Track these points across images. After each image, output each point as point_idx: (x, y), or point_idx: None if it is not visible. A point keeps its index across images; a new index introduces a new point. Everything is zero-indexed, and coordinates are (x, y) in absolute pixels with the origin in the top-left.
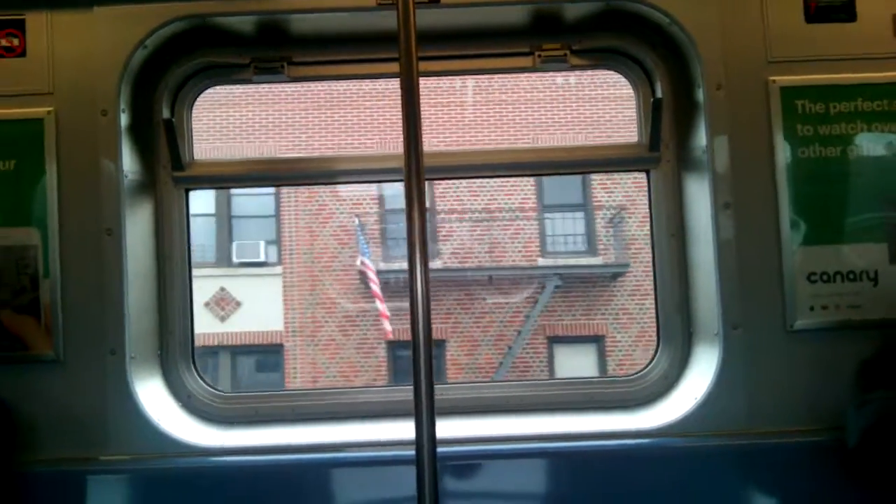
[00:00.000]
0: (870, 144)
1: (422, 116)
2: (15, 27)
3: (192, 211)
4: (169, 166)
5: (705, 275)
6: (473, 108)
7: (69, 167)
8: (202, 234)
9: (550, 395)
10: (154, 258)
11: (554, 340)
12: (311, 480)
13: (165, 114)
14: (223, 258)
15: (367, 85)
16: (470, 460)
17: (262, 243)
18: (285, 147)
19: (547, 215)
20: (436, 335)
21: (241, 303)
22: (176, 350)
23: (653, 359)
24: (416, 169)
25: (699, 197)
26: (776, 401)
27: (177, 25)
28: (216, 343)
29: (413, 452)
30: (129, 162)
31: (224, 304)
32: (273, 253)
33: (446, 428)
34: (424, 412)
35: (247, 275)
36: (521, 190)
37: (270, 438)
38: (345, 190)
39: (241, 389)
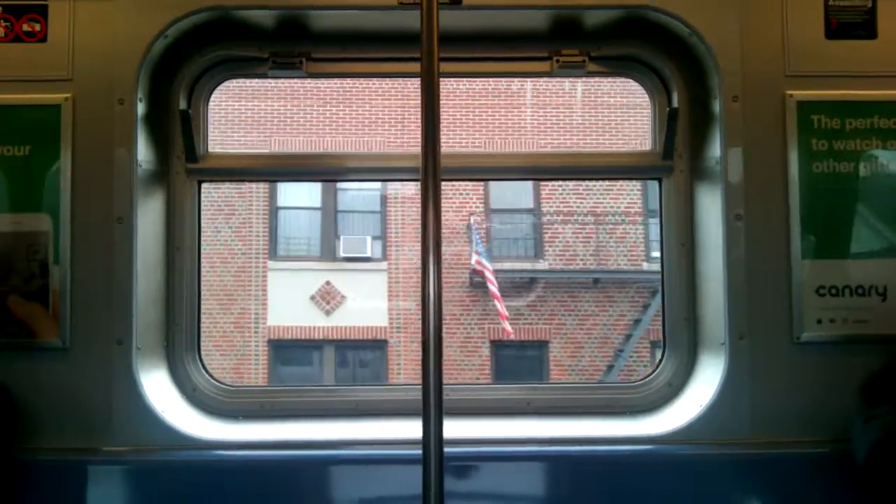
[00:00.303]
0: (883, 161)
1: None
2: (37, 12)
3: (299, 203)
4: (183, 157)
5: (714, 284)
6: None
7: (84, 154)
8: (306, 227)
9: (556, 398)
10: (164, 249)
11: (656, 345)
12: (315, 477)
13: (182, 104)
14: (328, 252)
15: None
16: (474, 461)
17: (369, 238)
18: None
19: (652, 220)
20: (539, 336)
21: (346, 297)
22: (182, 342)
23: (658, 366)
24: (432, 169)
25: (710, 207)
26: (780, 411)
27: (198, 17)
28: (321, 337)
29: (419, 452)
30: (143, 151)
31: (329, 298)
32: (378, 248)
33: (451, 428)
34: (433, 412)
35: (352, 269)
36: (627, 194)
37: (275, 433)
38: (451, 188)
39: (342, 383)
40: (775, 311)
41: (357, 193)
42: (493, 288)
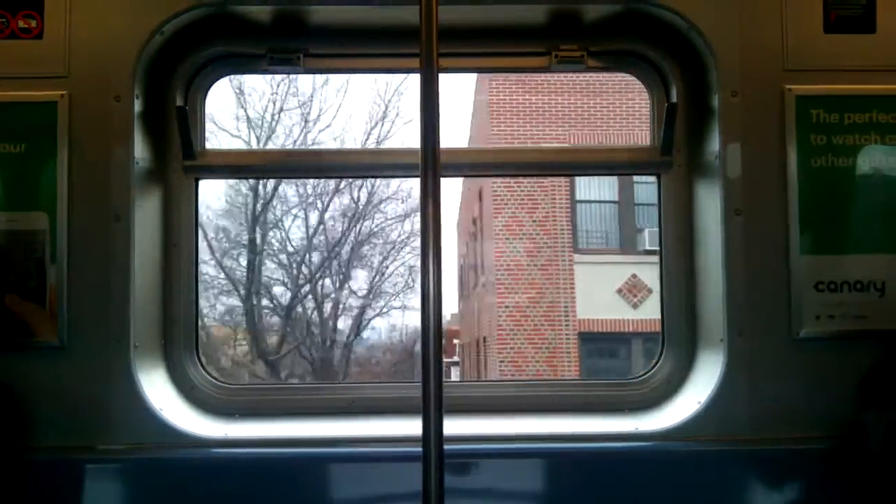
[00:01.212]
0: (882, 156)
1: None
2: (33, 8)
3: (595, 196)
4: (180, 155)
5: (712, 280)
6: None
7: (80, 152)
8: (599, 220)
9: (555, 396)
10: (161, 247)
11: None
12: (314, 474)
13: (179, 101)
14: (629, 245)
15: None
16: (474, 459)
17: None
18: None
19: None
20: None
21: (653, 290)
22: (180, 340)
23: (657, 362)
24: (432, 165)
25: (709, 202)
26: (779, 407)
27: (195, 13)
28: (630, 330)
29: (418, 449)
30: (140, 149)
31: (636, 290)
32: None
33: (450, 426)
34: (433, 409)
35: (656, 262)
36: None
37: (273, 431)
38: None
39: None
40: (774, 306)
41: (650, 188)
42: None
